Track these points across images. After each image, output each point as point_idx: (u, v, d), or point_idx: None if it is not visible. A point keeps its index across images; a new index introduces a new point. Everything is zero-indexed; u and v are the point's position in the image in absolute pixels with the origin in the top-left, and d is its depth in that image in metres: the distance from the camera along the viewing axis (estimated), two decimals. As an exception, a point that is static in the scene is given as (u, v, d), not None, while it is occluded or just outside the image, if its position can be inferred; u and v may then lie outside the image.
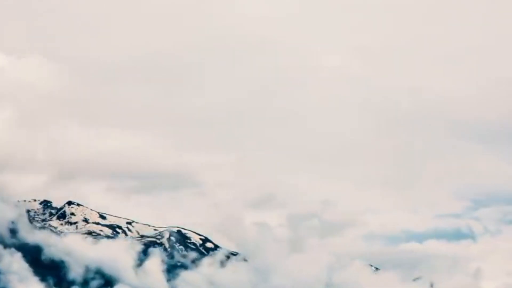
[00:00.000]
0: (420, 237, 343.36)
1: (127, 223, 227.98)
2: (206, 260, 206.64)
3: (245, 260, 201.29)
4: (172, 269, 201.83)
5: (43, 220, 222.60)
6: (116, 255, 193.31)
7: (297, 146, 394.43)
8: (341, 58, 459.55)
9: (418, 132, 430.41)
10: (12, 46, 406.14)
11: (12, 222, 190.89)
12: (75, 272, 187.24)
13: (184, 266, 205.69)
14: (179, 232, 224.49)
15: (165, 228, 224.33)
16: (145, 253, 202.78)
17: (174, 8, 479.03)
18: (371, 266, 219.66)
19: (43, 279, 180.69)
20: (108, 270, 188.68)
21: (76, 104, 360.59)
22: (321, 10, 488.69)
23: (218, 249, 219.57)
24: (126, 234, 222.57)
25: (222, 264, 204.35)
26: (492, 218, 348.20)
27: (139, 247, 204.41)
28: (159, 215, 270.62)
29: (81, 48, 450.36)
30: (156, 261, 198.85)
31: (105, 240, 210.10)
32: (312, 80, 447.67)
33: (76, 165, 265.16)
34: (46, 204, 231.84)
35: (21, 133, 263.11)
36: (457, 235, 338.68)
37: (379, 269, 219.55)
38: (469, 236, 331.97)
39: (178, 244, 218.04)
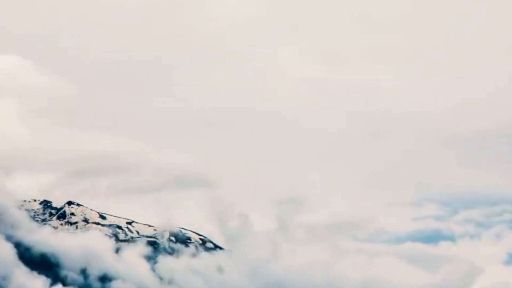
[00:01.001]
0: (400, 239, 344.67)
1: (127, 223, 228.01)
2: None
3: (237, 257, 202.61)
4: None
5: (43, 220, 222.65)
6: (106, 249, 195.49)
7: (284, 149, 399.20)
8: (316, 63, 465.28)
9: (400, 137, 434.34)
10: (14, 48, 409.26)
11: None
12: (68, 268, 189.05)
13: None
14: (179, 232, 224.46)
15: (165, 228, 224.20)
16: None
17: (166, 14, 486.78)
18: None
19: (42, 275, 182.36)
20: (102, 266, 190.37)
21: (78, 106, 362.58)
22: (293, 15, 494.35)
23: (217, 249, 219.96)
24: (126, 234, 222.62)
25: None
26: (472, 221, 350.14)
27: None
28: (159, 215, 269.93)
29: (82, 52, 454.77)
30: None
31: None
32: (288, 85, 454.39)
33: (76, 165, 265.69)
34: (46, 204, 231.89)
35: (21, 133, 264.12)
36: (437, 237, 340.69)
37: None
38: (449, 238, 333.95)
39: (178, 244, 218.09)
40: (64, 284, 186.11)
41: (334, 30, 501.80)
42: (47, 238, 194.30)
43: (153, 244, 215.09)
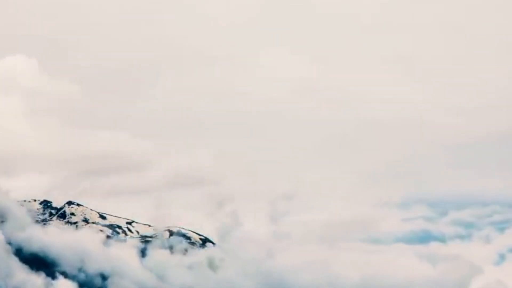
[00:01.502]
0: (397, 239, 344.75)
1: (127, 223, 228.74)
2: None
3: (236, 256, 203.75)
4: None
5: (43, 220, 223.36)
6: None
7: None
8: (315, 63, 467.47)
9: (393, 139, 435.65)
10: (17, 48, 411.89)
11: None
12: (67, 266, 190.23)
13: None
14: (178, 231, 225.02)
15: (165, 228, 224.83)
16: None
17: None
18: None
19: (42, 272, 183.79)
20: (100, 264, 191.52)
21: (79, 106, 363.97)
22: (289, 15, 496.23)
23: (217, 248, 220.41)
24: (126, 234, 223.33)
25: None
26: (462, 222, 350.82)
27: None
28: (159, 215, 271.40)
29: (84, 51, 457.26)
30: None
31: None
32: (287, 85, 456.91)
33: (76, 165, 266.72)
34: (46, 204, 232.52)
35: (23, 133, 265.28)
36: (431, 238, 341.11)
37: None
38: (440, 238, 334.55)
39: (177, 244, 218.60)
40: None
41: (334, 30, 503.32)
42: (46, 237, 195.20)
43: (152, 243, 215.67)
